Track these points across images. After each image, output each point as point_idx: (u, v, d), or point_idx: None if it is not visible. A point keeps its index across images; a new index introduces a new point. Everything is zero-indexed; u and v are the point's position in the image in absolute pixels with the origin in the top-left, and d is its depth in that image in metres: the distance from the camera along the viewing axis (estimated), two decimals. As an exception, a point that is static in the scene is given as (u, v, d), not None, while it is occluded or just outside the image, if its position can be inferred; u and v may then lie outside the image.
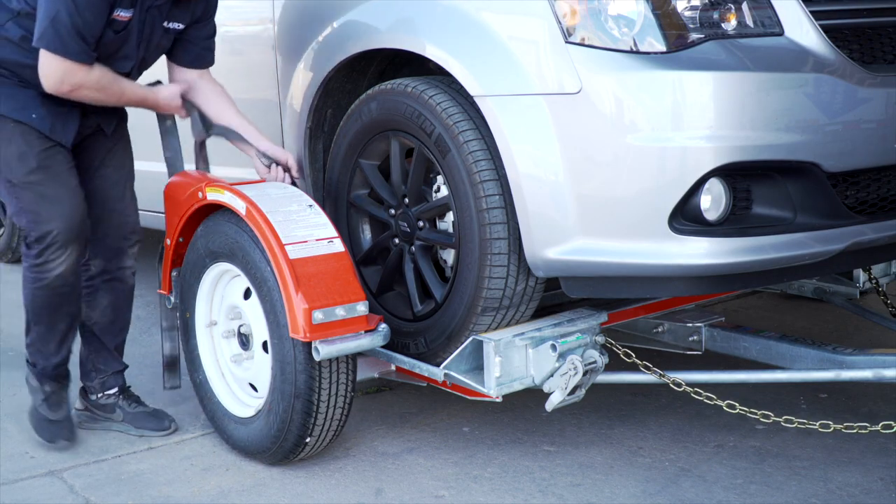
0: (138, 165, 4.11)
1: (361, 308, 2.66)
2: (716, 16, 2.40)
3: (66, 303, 2.97)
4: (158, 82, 3.06)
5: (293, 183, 2.98)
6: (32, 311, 3.00)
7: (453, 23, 2.60)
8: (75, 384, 3.18)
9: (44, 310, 2.98)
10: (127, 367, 3.21)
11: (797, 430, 2.87)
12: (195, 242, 2.97)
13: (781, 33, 2.44)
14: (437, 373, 2.69)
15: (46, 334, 3.02)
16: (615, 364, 2.79)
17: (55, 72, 2.72)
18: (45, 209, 2.82)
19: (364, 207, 2.98)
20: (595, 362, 2.66)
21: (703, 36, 2.37)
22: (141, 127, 4.11)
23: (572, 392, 2.64)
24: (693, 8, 2.39)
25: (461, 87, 2.59)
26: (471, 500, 2.67)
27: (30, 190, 2.82)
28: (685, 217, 2.38)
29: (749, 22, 2.42)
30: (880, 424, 2.59)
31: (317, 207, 2.80)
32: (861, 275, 3.52)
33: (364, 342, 2.66)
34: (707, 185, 2.37)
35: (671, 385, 2.74)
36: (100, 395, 3.16)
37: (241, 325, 2.94)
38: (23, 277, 2.97)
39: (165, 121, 3.15)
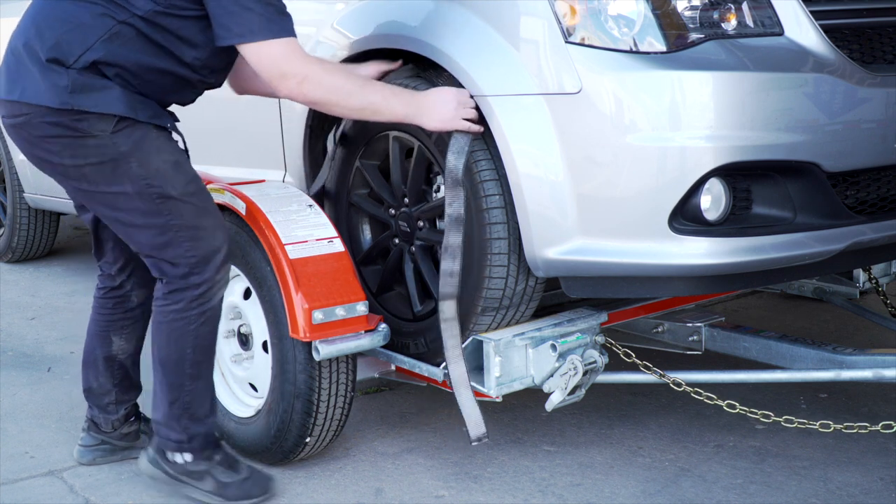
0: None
1: (361, 308, 2.66)
2: (716, 16, 2.40)
3: (217, 333, 2.60)
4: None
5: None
6: (194, 361, 2.52)
7: (453, 23, 2.60)
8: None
9: (207, 354, 2.55)
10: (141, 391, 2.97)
11: (797, 430, 2.87)
12: (195, 242, 2.97)
13: (781, 33, 2.44)
14: (437, 373, 2.69)
15: (204, 390, 2.58)
16: (615, 364, 2.79)
17: (280, 60, 2.37)
18: (208, 221, 2.46)
19: (364, 207, 2.98)
20: (595, 362, 2.66)
21: (703, 36, 2.37)
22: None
23: (572, 392, 2.64)
24: (693, 8, 2.39)
25: (461, 86, 2.59)
26: (471, 500, 2.67)
27: (190, 203, 2.43)
28: (685, 217, 2.38)
29: (749, 22, 2.42)
30: (880, 424, 2.59)
31: (317, 207, 2.81)
32: (861, 275, 3.52)
33: (364, 342, 2.66)
34: (707, 185, 2.37)
35: (671, 385, 2.74)
36: (123, 426, 2.90)
37: (241, 325, 2.94)
38: (169, 328, 2.50)
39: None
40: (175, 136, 2.51)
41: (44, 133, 2.40)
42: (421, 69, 2.76)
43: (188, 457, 2.59)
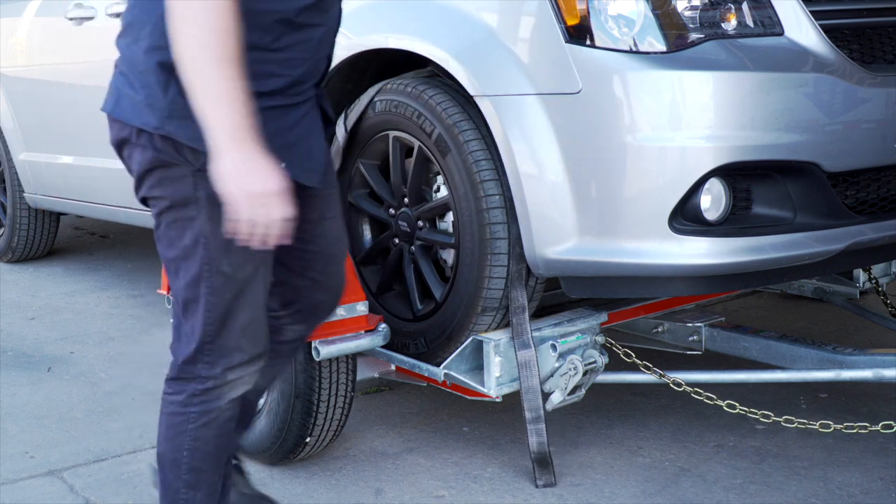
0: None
1: (361, 308, 2.66)
2: (716, 16, 2.40)
3: (231, 442, 2.15)
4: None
5: None
6: (191, 468, 2.07)
7: (453, 23, 2.60)
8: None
9: (209, 462, 2.09)
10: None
11: (797, 430, 2.87)
12: (195, 242, 2.96)
13: (781, 33, 2.44)
14: (437, 373, 2.69)
15: (207, 499, 2.11)
16: (615, 364, 2.79)
17: None
18: (245, 317, 2.01)
19: (364, 207, 2.98)
20: (595, 362, 2.67)
21: (703, 36, 2.37)
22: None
23: (572, 392, 2.64)
24: (693, 8, 2.39)
25: (461, 86, 2.59)
26: (471, 500, 2.67)
27: (234, 283, 1.97)
28: (685, 217, 2.38)
29: (749, 22, 2.42)
30: (880, 424, 2.59)
31: (317, 207, 2.80)
32: (861, 275, 3.52)
33: (364, 342, 2.66)
34: (707, 185, 2.37)
35: (671, 385, 2.74)
36: None
37: (241, 325, 2.94)
38: (168, 421, 2.08)
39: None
40: (297, 176, 1.95)
41: None
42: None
43: None
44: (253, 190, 1.78)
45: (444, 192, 2.71)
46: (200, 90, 1.76)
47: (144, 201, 2.01)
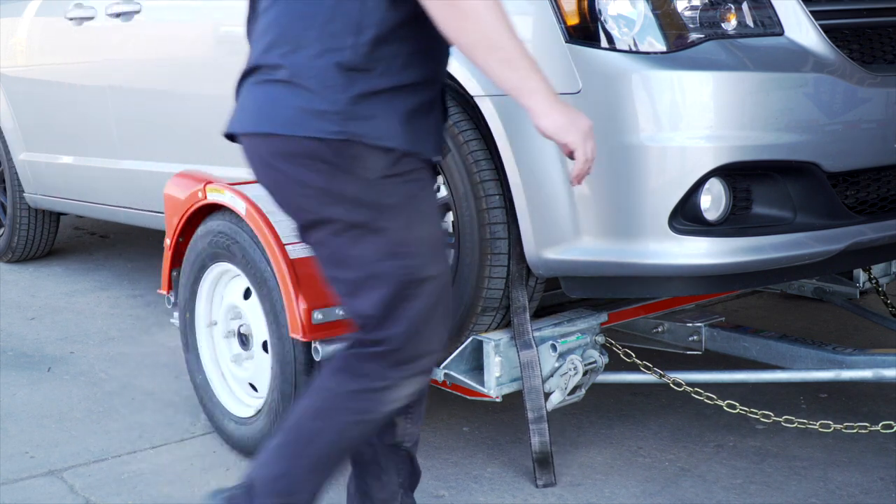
0: (136, 165, 4.10)
1: (361, 308, 2.66)
2: (716, 16, 2.40)
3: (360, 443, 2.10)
4: None
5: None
6: (322, 454, 2.00)
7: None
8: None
9: (340, 455, 2.03)
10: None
11: (797, 430, 2.87)
12: (195, 242, 2.97)
13: (781, 33, 2.44)
14: (436, 373, 2.69)
15: (315, 487, 2.02)
16: (615, 364, 2.79)
17: None
18: (440, 309, 1.94)
19: (364, 207, 2.98)
20: (595, 362, 2.67)
21: (703, 36, 2.37)
22: (141, 121, 4.07)
23: (572, 392, 2.65)
24: (693, 8, 2.39)
25: (461, 86, 2.59)
26: (471, 499, 2.67)
27: (437, 283, 1.91)
28: (685, 217, 2.38)
29: (749, 22, 2.42)
30: (880, 424, 2.59)
31: (317, 207, 2.80)
32: (861, 275, 3.52)
33: (364, 342, 2.65)
34: (707, 185, 2.37)
35: (671, 385, 2.74)
36: None
37: (241, 325, 2.94)
38: (321, 403, 1.98)
39: None
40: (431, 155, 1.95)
41: None
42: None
43: None
44: (585, 128, 1.86)
45: (443, 191, 2.71)
46: (510, 67, 1.81)
47: (314, 224, 1.90)
